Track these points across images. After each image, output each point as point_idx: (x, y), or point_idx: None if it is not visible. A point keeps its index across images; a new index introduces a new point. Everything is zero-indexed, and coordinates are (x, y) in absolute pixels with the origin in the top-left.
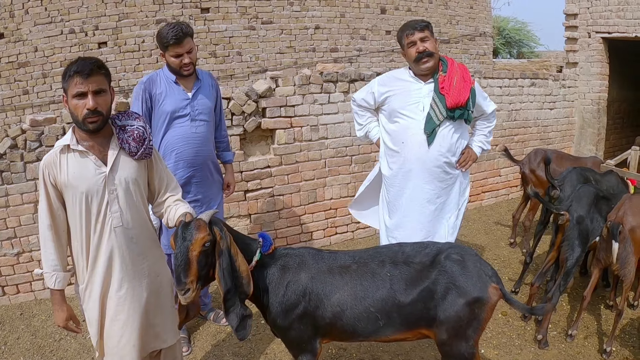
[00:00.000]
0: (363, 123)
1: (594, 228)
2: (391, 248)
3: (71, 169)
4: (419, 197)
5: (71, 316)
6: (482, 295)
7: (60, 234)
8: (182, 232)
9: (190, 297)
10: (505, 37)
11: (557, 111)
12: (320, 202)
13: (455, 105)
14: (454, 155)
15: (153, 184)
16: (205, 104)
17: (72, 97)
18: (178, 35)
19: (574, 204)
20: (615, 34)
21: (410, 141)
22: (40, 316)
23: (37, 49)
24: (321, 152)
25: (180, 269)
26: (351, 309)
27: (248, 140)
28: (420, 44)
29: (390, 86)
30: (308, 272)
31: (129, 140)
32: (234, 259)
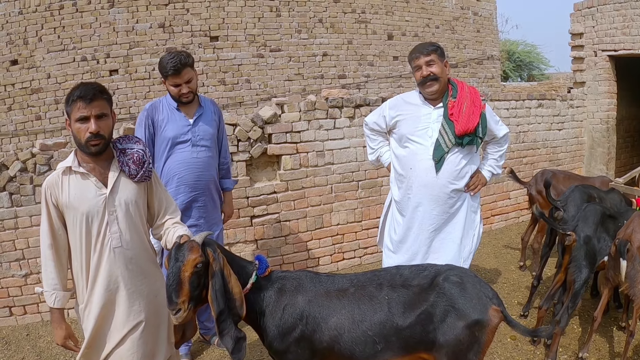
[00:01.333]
0: (375, 147)
1: (602, 248)
2: (389, 271)
3: (72, 190)
4: (427, 222)
5: (70, 335)
6: (483, 317)
7: (61, 253)
8: (175, 253)
9: (181, 318)
10: (515, 60)
11: (566, 132)
12: (327, 228)
13: (464, 132)
14: (462, 180)
15: (152, 206)
16: (207, 130)
17: (75, 121)
18: (177, 66)
19: (581, 224)
20: (621, 52)
21: (418, 167)
22: (46, 337)
23: (50, 76)
24: (327, 178)
25: (171, 289)
26: (349, 333)
27: (254, 166)
28: (426, 68)
29: (400, 110)
30: (305, 295)
31: (129, 163)
32: (227, 281)
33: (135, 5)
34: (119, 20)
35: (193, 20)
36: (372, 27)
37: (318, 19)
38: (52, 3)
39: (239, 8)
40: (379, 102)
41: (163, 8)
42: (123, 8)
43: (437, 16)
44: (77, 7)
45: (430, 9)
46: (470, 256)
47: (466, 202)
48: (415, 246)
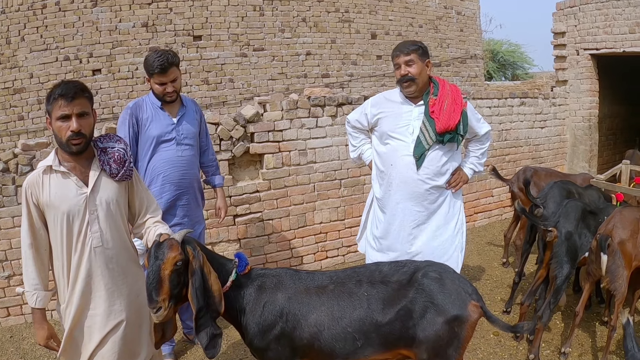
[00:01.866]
0: (357, 145)
1: (583, 244)
2: (368, 267)
3: (53, 189)
4: (408, 219)
5: (52, 335)
6: (462, 313)
7: (42, 253)
8: (154, 251)
9: (162, 316)
10: (499, 60)
11: (548, 129)
12: (310, 227)
13: (444, 129)
14: (443, 177)
15: (133, 205)
16: (190, 129)
17: (56, 119)
18: (163, 65)
19: (562, 220)
20: (603, 50)
21: (399, 164)
22: (30, 339)
23: (33, 76)
24: (310, 177)
25: (152, 288)
26: (329, 329)
27: (237, 165)
28: (404, 67)
29: (381, 107)
30: (285, 293)
31: (110, 162)
32: (206, 278)
33: (118, 5)
34: (102, 19)
35: (176, 20)
36: (355, 26)
37: (301, 18)
38: (34, 2)
39: (222, 7)
40: (361, 100)
41: (146, 7)
42: (106, 7)
43: (420, 15)
44: (60, 6)
45: (414, 8)
46: (462, 253)
47: (448, 199)
48: (397, 243)
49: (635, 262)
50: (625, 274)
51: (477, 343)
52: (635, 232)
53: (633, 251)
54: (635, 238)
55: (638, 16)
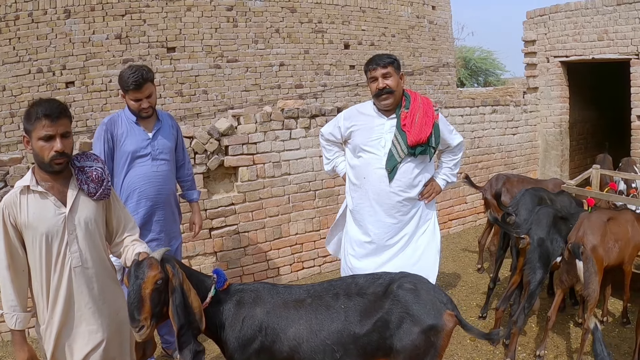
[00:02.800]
0: (330, 158)
1: (555, 249)
2: (345, 280)
3: (31, 209)
4: (381, 231)
5: (32, 356)
6: (437, 322)
7: (20, 274)
8: (134, 270)
9: (144, 334)
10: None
11: (520, 136)
12: (286, 238)
13: (416, 142)
14: (415, 189)
15: (111, 224)
16: (165, 143)
17: (38, 139)
18: (138, 81)
19: (534, 227)
20: (572, 57)
21: (372, 176)
22: (6, 358)
23: (5, 88)
24: (284, 188)
25: (133, 307)
26: (307, 342)
27: (212, 178)
28: (382, 80)
29: (354, 120)
30: (263, 307)
31: (88, 182)
32: (186, 295)
33: (91, 16)
34: (75, 31)
35: (150, 31)
36: (328, 36)
37: (275, 29)
38: (7, 14)
39: (195, 19)
40: (335, 112)
41: (120, 19)
42: (79, 19)
43: (393, 25)
44: (32, 17)
45: (386, 18)
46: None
47: (420, 210)
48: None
49: (605, 265)
50: (598, 279)
51: (455, 349)
52: (604, 236)
53: (604, 255)
54: (605, 242)
55: (606, 24)
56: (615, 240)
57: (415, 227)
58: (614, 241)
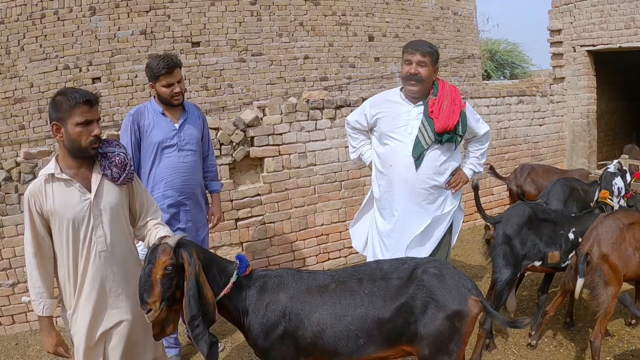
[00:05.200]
0: (357, 146)
1: (529, 252)
2: (369, 265)
3: (57, 197)
4: (407, 219)
5: (60, 342)
6: (462, 308)
7: (46, 261)
8: (149, 255)
9: (153, 317)
10: (497, 60)
11: (546, 127)
12: (312, 229)
13: (443, 129)
14: (442, 177)
15: (134, 208)
16: (192, 134)
17: (75, 125)
18: (170, 64)
19: (503, 222)
20: (599, 46)
21: (398, 164)
22: (35, 346)
23: (33, 85)
24: (310, 179)
25: (143, 290)
26: (331, 328)
27: (237, 169)
28: (415, 66)
29: (380, 107)
30: (287, 292)
31: (111, 167)
32: (201, 286)
33: (116, 13)
34: (101, 27)
35: (174, 27)
36: (352, 29)
37: (299, 22)
38: (33, 12)
39: (219, 13)
40: (360, 102)
41: (144, 15)
42: (104, 16)
43: (417, 17)
44: (58, 15)
45: (411, 9)
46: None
47: (448, 200)
48: (400, 245)
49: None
50: (611, 290)
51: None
52: (620, 243)
53: (620, 263)
54: (621, 249)
55: (633, 11)
56: (637, 247)
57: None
58: (635, 249)
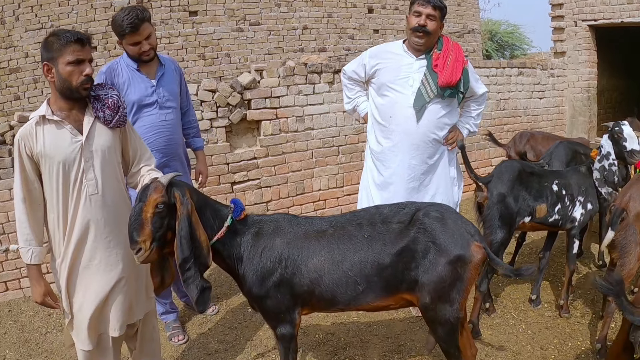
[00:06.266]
0: (352, 97)
1: (521, 208)
2: (368, 210)
3: (47, 139)
4: (404, 172)
5: (49, 291)
6: (464, 253)
7: (36, 207)
8: (140, 193)
9: (142, 257)
10: (497, 41)
11: (546, 100)
12: (309, 193)
13: (446, 84)
14: (442, 132)
15: (127, 154)
16: (172, 89)
17: (66, 64)
18: (134, 22)
19: (495, 180)
20: (601, 21)
21: (398, 115)
22: (28, 312)
23: (28, 55)
24: (307, 143)
25: (132, 229)
26: (329, 274)
27: (234, 132)
28: (425, 18)
29: (380, 58)
30: (283, 238)
31: (104, 109)
32: (194, 227)
33: None
34: None
35: None
36: (352, 0)
37: None
38: None
39: None
40: None
41: None
42: None
43: None
44: None
45: None
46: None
47: (445, 156)
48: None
49: None
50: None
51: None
52: None
53: None
54: None
55: None
56: None
57: (440, 180)
58: None
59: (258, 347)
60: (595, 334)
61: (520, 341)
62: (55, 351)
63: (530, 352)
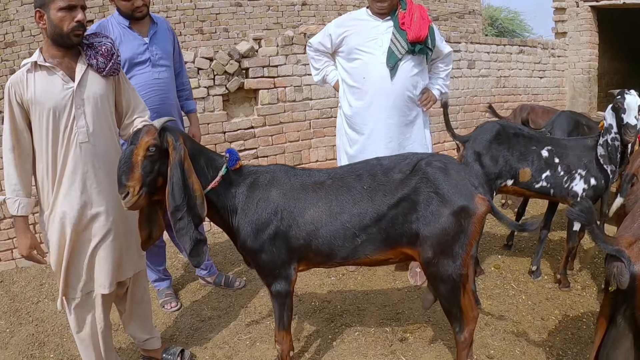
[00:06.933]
0: (320, 67)
1: (502, 169)
2: (369, 162)
3: (38, 85)
4: (382, 132)
5: (35, 245)
6: (469, 204)
7: (24, 158)
8: (132, 137)
9: (130, 202)
10: (497, 27)
11: (547, 80)
12: (306, 164)
13: (416, 39)
14: (415, 90)
15: (121, 105)
16: (165, 48)
17: (58, 9)
18: None
19: (472, 140)
20: (603, 2)
21: (372, 75)
22: (20, 283)
23: (24, 29)
24: (305, 113)
25: (122, 172)
26: (326, 226)
27: (231, 101)
28: None
29: (346, 26)
30: (280, 189)
31: (97, 56)
32: (186, 175)
33: None
34: None
35: None
36: None
37: None
38: None
39: None
40: None
41: None
42: None
43: None
44: None
45: None
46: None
47: (420, 117)
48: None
49: None
50: None
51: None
52: None
53: None
54: None
55: None
56: None
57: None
58: None
59: (252, 314)
60: (596, 305)
61: (520, 311)
62: (46, 319)
63: (531, 322)
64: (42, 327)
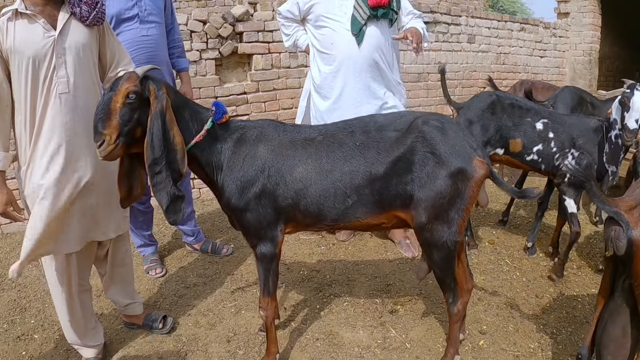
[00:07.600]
0: (290, 33)
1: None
2: (362, 119)
3: (18, 34)
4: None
5: (11, 200)
6: (466, 166)
7: (3, 109)
8: (112, 83)
9: (105, 151)
10: (498, 9)
11: (547, 60)
12: None
13: (377, 4)
14: (384, 55)
15: (105, 57)
16: (155, 3)
17: None
18: None
19: (465, 107)
20: None
21: (339, 42)
22: (4, 248)
23: None
24: (300, 80)
25: (98, 119)
26: (316, 185)
27: (224, 66)
28: None
29: None
30: (267, 145)
31: (80, 4)
32: (167, 127)
33: None
34: None
35: None
36: None
37: None
38: None
39: None
40: None
41: None
42: None
43: None
44: None
45: None
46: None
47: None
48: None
49: None
50: None
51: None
52: None
53: None
54: None
55: None
56: None
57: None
58: None
59: (238, 281)
60: (592, 285)
61: (514, 288)
62: (29, 285)
63: (525, 299)
64: (24, 293)
